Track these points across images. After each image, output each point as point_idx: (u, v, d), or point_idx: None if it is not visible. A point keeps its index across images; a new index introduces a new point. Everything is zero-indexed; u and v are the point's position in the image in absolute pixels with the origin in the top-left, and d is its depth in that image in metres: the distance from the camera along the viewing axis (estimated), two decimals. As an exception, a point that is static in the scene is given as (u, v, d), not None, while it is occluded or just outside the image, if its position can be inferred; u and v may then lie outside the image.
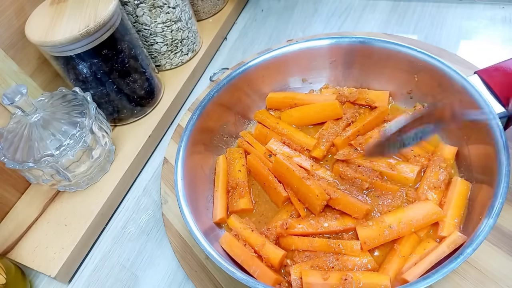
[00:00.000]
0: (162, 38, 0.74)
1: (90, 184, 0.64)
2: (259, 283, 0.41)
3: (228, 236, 0.51)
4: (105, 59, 0.62)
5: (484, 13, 0.76)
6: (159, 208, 0.64)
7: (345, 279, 0.43)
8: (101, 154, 0.62)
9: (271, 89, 0.66)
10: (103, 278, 0.58)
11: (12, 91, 0.52)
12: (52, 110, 0.58)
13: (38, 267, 0.57)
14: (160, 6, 0.69)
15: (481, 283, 0.45)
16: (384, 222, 0.48)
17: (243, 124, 0.66)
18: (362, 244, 0.47)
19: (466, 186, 0.49)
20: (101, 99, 0.67)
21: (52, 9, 0.61)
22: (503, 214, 0.43)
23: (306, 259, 0.48)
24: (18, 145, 0.55)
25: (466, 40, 0.73)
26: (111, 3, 0.59)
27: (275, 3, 0.95)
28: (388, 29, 0.79)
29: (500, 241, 0.48)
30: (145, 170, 0.70)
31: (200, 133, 0.57)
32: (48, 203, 0.64)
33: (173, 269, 0.57)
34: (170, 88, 0.77)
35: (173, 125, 0.76)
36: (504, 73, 0.51)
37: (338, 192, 0.51)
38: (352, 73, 0.64)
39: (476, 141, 0.50)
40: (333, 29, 0.83)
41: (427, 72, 0.56)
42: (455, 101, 0.53)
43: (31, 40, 0.57)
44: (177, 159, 0.53)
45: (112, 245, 0.61)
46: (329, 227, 0.50)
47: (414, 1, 0.82)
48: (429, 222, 0.48)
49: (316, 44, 0.62)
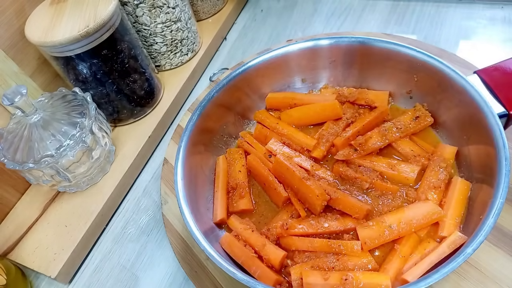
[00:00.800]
0: (162, 38, 0.74)
1: (90, 184, 0.64)
2: (260, 284, 0.41)
3: (228, 236, 0.51)
4: (105, 60, 0.62)
5: (483, 13, 0.76)
6: (159, 208, 0.64)
7: (345, 279, 0.43)
8: (101, 155, 0.62)
9: (271, 89, 0.66)
10: (103, 279, 0.58)
11: (12, 91, 0.52)
12: (52, 110, 0.58)
13: (38, 268, 0.57)
14: (160, 6, 0.69)
15: (481, 283, 0.45)
16: (384, 222, 0.48)
17: (243, 124, 0.66)
18: (363, 244, 0.47)
19: (466, 186, 0.49)
20: (101, 100, 0.67)
21: (52, 9, 0.61)
22: (503, 214, 0.43)
23: (306, 260, 0.48)
24: (18, 145, 0.55)
25: (466, 40, 0.73)
26: (111, 3, 0.59)
27: (274, 3, 0.95)
28: (387, 29, 0.79)
29: (500, 241, 0.48)
30: (145, 170, 0.70)
31: (200, 133, 0.57)
32: (48, 204, 0.64)
33: (173, 270, 0.57)
34: (170, 88, 0.77)
35: (173, 126, 0.76)
36: (504, 73, 0.51)
37: (338, 192, 0.51)
38: (352, 73, 0.64)
39: (476, 141, 0.50)
40: (332, 29, 0.83)
41: (427, 72, 0.56)
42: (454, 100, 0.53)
43: (31, 40, 0.57)
44: (177, 159, 0.52)
45: (113, 245, 0.61)
46: (329, 227, 0.50)
47: (413, 1, 0.83)
48: (429, 222, 0.48)
49: (316, 44, 0.62)
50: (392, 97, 0.62)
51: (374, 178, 0.53)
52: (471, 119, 0.50)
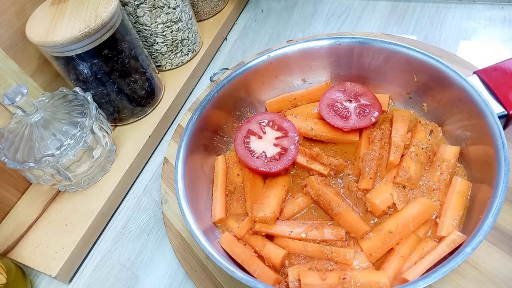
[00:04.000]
0: (163, 39, 0.74)
1: (90, 184, 0.65)
2: (259, 283, 0.41)
3: (228, 236, 0.51)
4: (105, 59, 0.62)
5: (483, 13, 0.76)
6: (159, 207, 0.64)
7: (343, 278, 0.43)
8: (102, 154, 0.62)
9: (271, 89, 0.66)
10: (103, 278, 0.58)
11: (13, 91, 0.52)
12: (52, 110, 0.58)
13: (38, 267, 0.57)
14: (161, 7, 0.70)
15: (481, 283, 0.46)
16: (383, 229, 0.48)
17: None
18: (368, 256, 0.47)
19: (466, 186, 0.50)
20: (102, 99, 0.67)
21: (53, 9, 0.61)
22: (502, 214, 0.43)
23: (303, 262, 0.49)
24: (18, 145, 0.56)
25: (465, 40, 0.73)
26: (112, 3, 0.60)
27: (275, 4, 0.95)
28: (387, 29, 0.80)
29: (499, 241, 0.48)
30: (145, 170, 0.70)
31: (200, 133, 0.57)
32: (49, 203, 0.64)
33: (173, 269, 0.57)
34: (170, 88, 0.77)
35: (174, 125, 0.76)
36: (503, 73, 0.51)
37: (342, 207, 0.51)
38: (352, 73, 0.64)
39: (476, 141, 0.50)
40: (332, 29, 0.83)
41: (427, 73, 0.56)
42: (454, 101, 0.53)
43: (31, 40, 0.58)
44: (178, 159, 0.53)
45: (113, 244, 0.62)
46: (324, 236, 0.50)
47: (413, 2, 0.83)
48: (425, 217, 0.48)
49: (316, 45, 0.62)
50: (391, 97, 0.62)
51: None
52: (471, 119, 0.51)
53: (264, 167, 0.54)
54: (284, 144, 0.57)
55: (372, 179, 0.53)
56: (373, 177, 0.53)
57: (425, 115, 0.59)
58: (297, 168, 0.58)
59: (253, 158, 0.55)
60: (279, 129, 0.58)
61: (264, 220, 0.50)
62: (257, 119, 0.60)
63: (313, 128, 0.59)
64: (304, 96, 0.64)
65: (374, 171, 0.54)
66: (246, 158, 0.55)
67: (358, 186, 0.53)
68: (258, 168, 0.54)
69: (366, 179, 0.53)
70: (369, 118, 0.58)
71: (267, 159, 0.55)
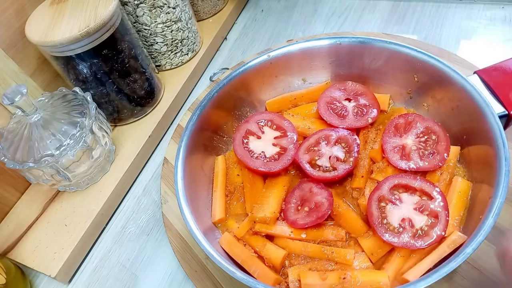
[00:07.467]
0: (162, 38, 0.74)
1: (90, 184, 0.64)
2: (259, 283, 0.41)
3: (228, 236, 0.51)
4: (105, 59, 0.62)
5: (484, 13, 0.76)
6: (159, 208, 0.64)
7: (343, 278, 0.43)
8: (101, 154, 0.62)
9: (271, 89, 0.66)
10: (103, 278, 0.58)
11: (12, 91, 0.52)
12: (52, 110, 0.58)
13: (38, 267, 0.57)
14: (160, 6, 0.69)
15: (481, 283, 0.45)
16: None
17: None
18: (369, 255, 0.47)
19: (466, 186, 0.49)
20: (101, 99, 0.67)
21: (52, 9, 0.61)
22: (503, 214, 0.43)
23: (303, 262, 0.48)
24: (18, 145, 0.55)
25: (466, 40, 0.73)
26: (111, 3, 0.59)
27: (275, 3, 0.95)
28: (388, 29, 0.79)
29: (500, 241, 0.48)
30: (145, 170, 0.70)
31: (200, 133, 0.57)
32: (48, 203, 0.64)
33: (173, 269, 0.57)
34: (170, 88, 0.77)
35: (173, 125, 0.76)
36: (504, 73, 0.51)
37: (342, 207, 0.51)
38: (352, 73, 0.64)
39: (476, 141, 0.50)
40: (333, 29, 0.83)
41: (427, 72, 0.56)
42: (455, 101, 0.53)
43: (31, 40, 0.57)
44: (177, 159, 0.53)
45: (112, 245, 0.61)
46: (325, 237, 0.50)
47: (414, 1, 0.83)
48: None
49: (316, 44, 0.62)
50: (392, 97, 0.62)
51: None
52: (471, 119, 0.50)
53: (264, 167, 0.54)
54: (283, 143, 0.56)
55: (364, 178, 0.53)
56: (364, 175, 0.53)
57: (425, 115, 0.59)
58: (297, 168, 0.58)
59: (252, 158, 0.55)
60: (278, 129, 0.58)
61: (264, 220, 0.50)
62: (255, 119, 0.60)
63: (310, 127, 0.59)
64: (304, 96, 0.64)
65: (366, 170, 0.54)
66: (245, 159, 0.55)
67: (351, 185, 0.54)
68: (257, 168, 0.54)
69: (358, 178, 0.53)
70: (366, 119, 0.58)
71: (266, 159, 0.55)
